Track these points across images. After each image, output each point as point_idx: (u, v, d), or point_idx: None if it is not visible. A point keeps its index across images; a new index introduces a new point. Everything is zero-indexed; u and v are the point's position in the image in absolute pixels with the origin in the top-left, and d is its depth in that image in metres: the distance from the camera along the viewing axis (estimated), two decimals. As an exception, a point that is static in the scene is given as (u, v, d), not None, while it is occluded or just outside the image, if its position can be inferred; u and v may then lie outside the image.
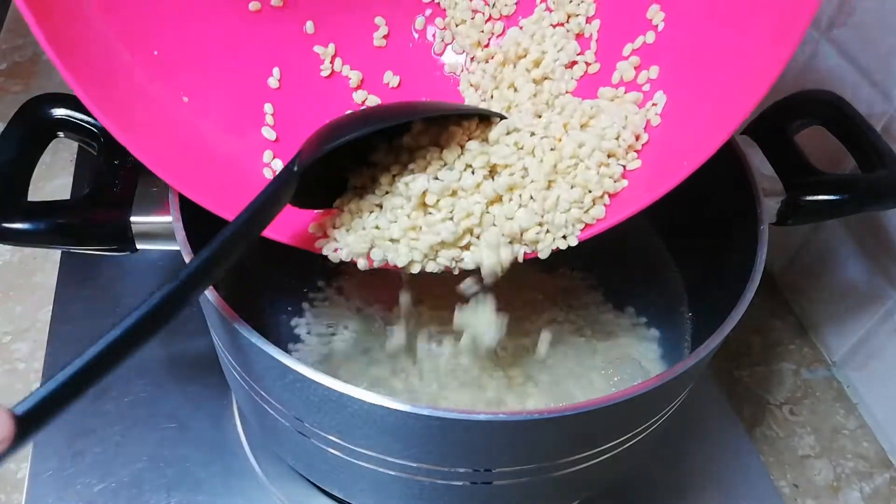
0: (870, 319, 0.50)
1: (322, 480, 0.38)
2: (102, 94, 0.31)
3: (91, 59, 0.31)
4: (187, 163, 0.34)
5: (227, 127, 0.37)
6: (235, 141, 0.37)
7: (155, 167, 0.32)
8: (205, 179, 0.34)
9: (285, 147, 0.39)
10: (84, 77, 0.30)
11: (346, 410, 0.29)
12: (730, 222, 0.40)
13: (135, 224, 0.35)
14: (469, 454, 0.31)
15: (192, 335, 0.50)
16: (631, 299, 0.44)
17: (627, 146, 0.35)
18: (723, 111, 0.32)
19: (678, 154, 0.33)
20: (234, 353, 0.34)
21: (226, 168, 0.36)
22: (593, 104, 0.37)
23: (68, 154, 0.63)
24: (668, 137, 0.35)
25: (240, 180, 0.36)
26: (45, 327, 0.50)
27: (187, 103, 0.36)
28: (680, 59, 0.36)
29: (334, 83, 0.42)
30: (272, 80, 0.40)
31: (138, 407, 0.46)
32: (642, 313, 0.44)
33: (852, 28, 0.48)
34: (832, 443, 0.49)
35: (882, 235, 0.48)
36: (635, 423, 0.33)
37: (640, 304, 0.44)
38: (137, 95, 0.34)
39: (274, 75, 0.40)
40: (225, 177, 0.36)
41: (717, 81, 0.33)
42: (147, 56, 0.35)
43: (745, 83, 0.31)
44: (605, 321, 0.43)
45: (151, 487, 0.43)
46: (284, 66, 0.40)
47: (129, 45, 0.34)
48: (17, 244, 0.35)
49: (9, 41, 0.75)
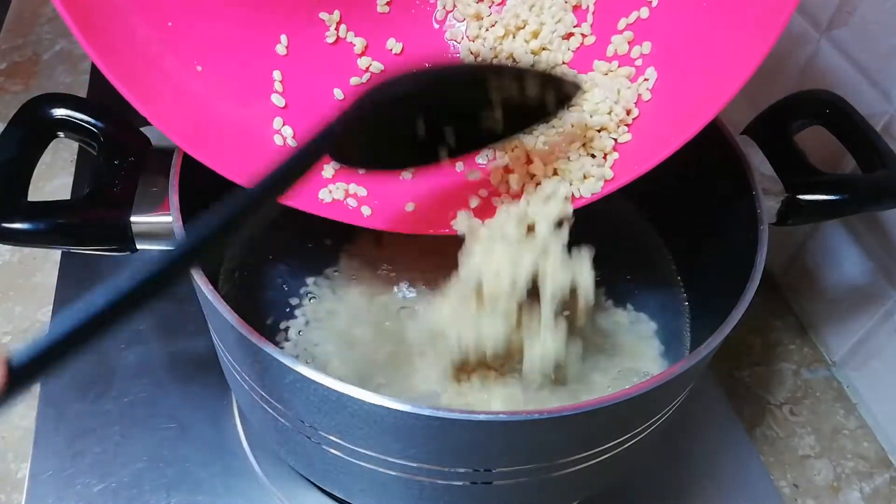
0: (870, 319, 0.50)
1: (322, 480, 0.38)
2: (123, 68, 0.32)
3: (111, 34, 0.33)
4: (202, 131, 0.35)
5: (239, 94, 0.38)
6: (247, 109, 0.39)
7: (174, 136, 0.33)
8: (219, 146, 0.35)
9: (294, 114, 0.40)
10: (107, 53, 0.32)
11: (346, 410, 0.29)
12: (730, 222, 0.40)
13: (135, 224, 0.35)
14: (469, 454, 0.31)
15: (192, 335, 0.50)
16: (630, 299, 0.44)
17: (619, 120, 0.36)
18: (710, 90, 0.33)
19: (667, 129, 0.35)
20: (234, 353, 0.34)
21: (238, 135, 0.37)
22: (587, 78, 0.38)
23: (68, 154, 0.63)
24: (658, 113, 0.37)
25: (252, 147, 0.37)
26: (45, 327, 0.50)
27: (201, 72, 0.37)
28: (672, 36, 0.38)
29: (340, 50, 0.43)
30: (280, 48, 0.41)
31: (138, 407, 0.46)
32: (642, 312, 0.44)
33: (852, 28, 0.48)
34: (832, 443, 0.49)
35: (882, 235, 0.48)
36: (635, 423, 0.33)
37: (639, 304, 0.44)
38: (154, 67, 0.35)
39: (282, 42, 0.41)
40: (237, 144, 0.37)
41: (706, 60, 0.35)
42: (162, 28, 0.36)
43: (732, 64, 0.33)
44: (605, 321, 0.43)
45: (151, 487, 0.43)
46: (291, 33, 0.41)
47: (146, 18, 0.35)
48: (17, 244, 0.35)
49: (9, 41, 0.75)
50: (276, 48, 0.41)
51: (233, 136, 0.37)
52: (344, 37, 0.43)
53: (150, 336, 0.50)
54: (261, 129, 0.39)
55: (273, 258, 0.44)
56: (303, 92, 0.41)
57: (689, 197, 0.44)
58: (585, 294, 0.34)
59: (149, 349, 0.49)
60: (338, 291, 0.43)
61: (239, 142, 0.37)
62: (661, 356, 0.42)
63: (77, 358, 0.24)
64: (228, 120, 0.37)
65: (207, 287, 0.32)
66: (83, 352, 0.24)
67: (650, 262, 0.47)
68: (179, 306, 0.51)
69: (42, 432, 0.44)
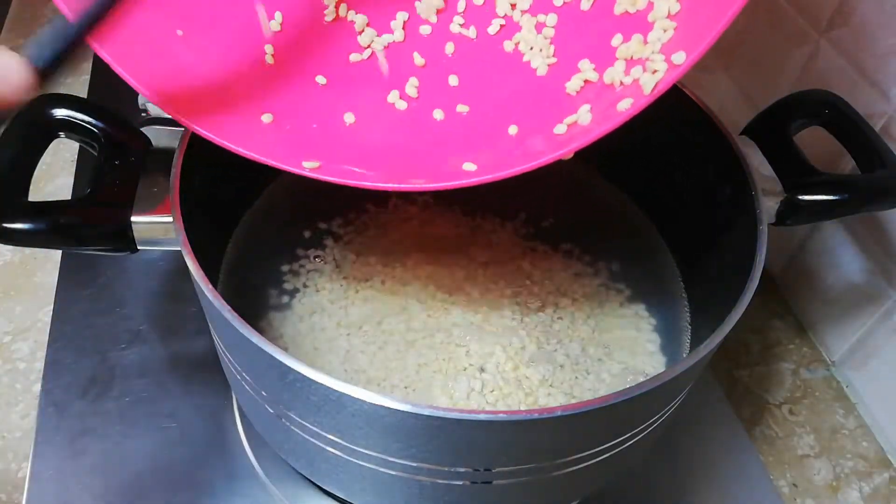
0: (869, 319, 0.50)
1: (322, 480, 0.38)
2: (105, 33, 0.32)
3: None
4: (184, 93, 0.35)
5: (225, 66, 0.37)
6: (234, 78, 0.37)
7: (155, 99, 0.33)
8: (207, 111, 0.35)
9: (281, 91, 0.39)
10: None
11: (346, 410, 0.29)
12: (729, 222, 0.40)
13: (135, 224, 0.35)
14: (469, 454, 0.31)
15: (192, 335, 0.50)
16: (630, 298, 0.44)
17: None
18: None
19: (702, 23, 0.30)
20: (234, 352, 0.34)
21: (226, 102, 0.37)
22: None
23: (69, 154, 0.63)
24: (691, 12, 0.33)
25: (240, 113, 0.37)
26: (45, 327, 0.50)
27: (182, 37, 0.36)
28: None
29: (339, 27, 0.41)
30: (273, 24, 0.40)
31: (138, 407, 0.46)
32: (641, 312, 0.44)
33: (852, 28, 0.48)
34: (831, 442, 0.49)
35: (882, 235, 0.48)
36: (635, 423, 0.33)
37: (639, 304, 0.44)
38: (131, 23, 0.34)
39: (276, 18, 0.40)
40: (226, 110, 0.36)
41: None
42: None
43: None
44: (604, 320, 0.43)
45: (152, 487, 0.43)
46: (287, 11, 0.40)
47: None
48: (18, 244, 0.35)
49: (9, 41, 0.75)
50: (270, 24, 0.39)
51: (221, 103, 0.36)
52: (344, 15, 0.41)
53: (150, 336, 0.50)
54: (247, 105, 0.37)
55: (273, 257, 0.44)
56: (295, 64, 0.39)
57: (689, 197, 0.44)
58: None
59: (149, 349, 0.49)
60: (339, 290, 0.43)
61: (227, 110, 0.36)
62: (661, 356, 0.42)
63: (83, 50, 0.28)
64: (215, 87, 0.37)
65: (207, 286, 0.32)
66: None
67: (650, 261, 0.47)
68: (179, 306, 0.51)
69: (43, 432, 0.45)
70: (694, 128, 0.42)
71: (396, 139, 0.38)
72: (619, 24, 0.35)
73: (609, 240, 0.47)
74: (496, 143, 0.35)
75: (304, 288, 0.43)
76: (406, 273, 0.43)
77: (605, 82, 0.34)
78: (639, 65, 0.32)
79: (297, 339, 0.41)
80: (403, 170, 0.35)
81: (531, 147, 0.34)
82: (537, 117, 0.35)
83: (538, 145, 0.33)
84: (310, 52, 0.40)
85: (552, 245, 0.47)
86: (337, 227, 0.46)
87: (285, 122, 0.37)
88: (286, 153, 0.35)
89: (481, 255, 0.45)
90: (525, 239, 0.47)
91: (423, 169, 0.35)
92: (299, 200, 0.47)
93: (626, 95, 0.31)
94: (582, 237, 0.47)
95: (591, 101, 0.34)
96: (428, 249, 0.45)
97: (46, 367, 0.48)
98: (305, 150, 0.36)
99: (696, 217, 0.44)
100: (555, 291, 0.44)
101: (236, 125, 0.35)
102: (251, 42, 0.39)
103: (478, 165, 0.33)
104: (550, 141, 0.33)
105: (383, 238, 0.46)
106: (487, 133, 0.36)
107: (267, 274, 0.44)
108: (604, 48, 0.35)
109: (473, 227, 0.47)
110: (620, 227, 0.49)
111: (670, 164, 0.45)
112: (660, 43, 0.32)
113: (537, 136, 0.34)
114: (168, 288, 0.53)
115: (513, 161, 0.32)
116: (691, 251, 0.45)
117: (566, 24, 0.38)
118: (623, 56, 0.33)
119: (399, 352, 0.40)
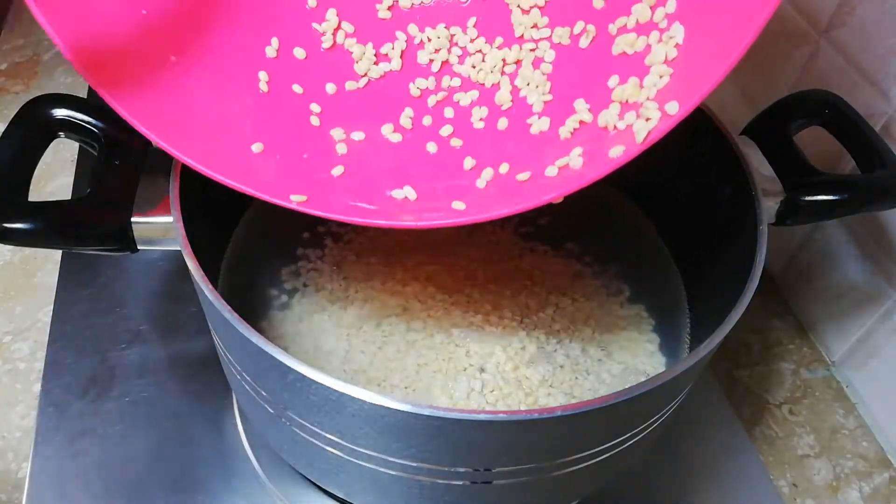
0: (869, 319, 0.50)
1: (322, 480, 0.38)
2: (91, 56, 0.32)
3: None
4: (175, 120, 0.34)
5: (217, 92, 0.37)
6: (227, 106, 0.37)
7: (143, 125, 0.33)
8: (194, 139, 0.34)
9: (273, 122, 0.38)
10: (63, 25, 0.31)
11: (346, 410, 0.29)
12: (729, 222, 0.40)
13: (135, 224, 0.35)
14: (469, 454, 0.31)
15: (192, 335, 0.50)
16: (630, 298, 0.44)
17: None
18: (730, 34, 0.29)
19: (698, 74, 0.31)
20: (234, 352, 0.34)
21: (217, 131, 0.36)
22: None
23: (69, 154, 0.63)
24: (688, 61, 0.33)
25: (230, 142, 0.36)
26: (45, 327, 0.50)
27: (175, 63, 0.36)
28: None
29: (335, 53, 0.41)
30: (270, 50, 0.39)
31: (138, 407, 0.46)
32: (641, 312, 0.44)
33: (851, 28, 0.48)
34: (831, 442, 0.49)
35: (882, 235, 0.48)
36: (635, 423, 0.33)
37: (638, 304, 0.44)
38: (127, 55, 0.34)
39: (272, 45, 0.39)
40: (215, 139, 0.36)
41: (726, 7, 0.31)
42: (136, 15, 0.35)
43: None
44: (604, 320, 0.43)
45: (152, 487, 0.43)
46: (283, 38, 0.40)
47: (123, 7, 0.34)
48: (18, 244, 0.35)
49: (9, 41, 0.75)
50: (266, 50, 0.39)
51: (210, 131, 0.36)
52: (341, 42, 0.41)
53: (150, 336, 0.50)
54: (238, 135, 0.37)
55: (273, 257, 0.44)
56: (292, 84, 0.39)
57: (689, 197, 0.44)
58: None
59: (149, 349, 0.49)
60: (339, 290, 0.43)
61: (217, 137, 0.36)
62: (661, 356, 0.42)
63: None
64: (206, 115, 0.36)
65: (207, 286, 0.32)
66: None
67: (650, 261, 0.47)
68: (179, 306, 0.51)
69: (43, 432, 0.45)
70: (694, 128, 0.42)
71: (388, 171, 0.38)
72: (616, 64, 0.35)
73: (609, 240, 0.47)
74: (486, 182, 0.35)
75: (304, 288, 0.43)
76: (406, 273, 0.44)
77: (599, 125, 0.34)
78: (633, 110, 0.32)
79: (297, 339, 0.41)
80: (393, 206, 0.35)
81: (521, 189, 0.34)
82: (529, 157, 0.35)
83: (528, 187, 0.33)
84: (305, 79, 0.40)
85: (552, 245, 0.47)
86: (337, 227, 0.46)
87: (276, 151, 0.36)
88: (274, 184, 0.35)
89: (481, 255, 0.45)
90: (525, 239, 0.47)
91: (412, 205, 0.35)
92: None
93: (618, 142, 0.31)
94: (582, 237, 0.47)
95: (583, 144, 0.34)
96: (428, 249, 0.45)
97: (46, 368, 0.48)
98: (294, 181, 0.36)
99: (696, 217, 0.44)
100: (555, 291, 0.44)
101: (226, 155, 0.35)
102: (247, 71, 0.39)
103: (466, 205, 0.33)
104: (540, 183, 0.33)
105: (383, 238, 0.46)
106: (479, 170, 0.36)
107: (267, 274, 0.44)
108: (600, 88, 0.35)
109: (473, 227, 0.47)
110: (620, 227, 0.49)
111: (670, 164, 0.45)
112: (655, 89, 0.32)
113: (528, 178, 0.34)
114: (168, 288, 0.53)
115: (502, 203, 0.33)
116: (691, 251, 0.45)
117: (564, 62, 0.38)
118: (618, 98, 0.33)
119: (399, 352, 0.40)
